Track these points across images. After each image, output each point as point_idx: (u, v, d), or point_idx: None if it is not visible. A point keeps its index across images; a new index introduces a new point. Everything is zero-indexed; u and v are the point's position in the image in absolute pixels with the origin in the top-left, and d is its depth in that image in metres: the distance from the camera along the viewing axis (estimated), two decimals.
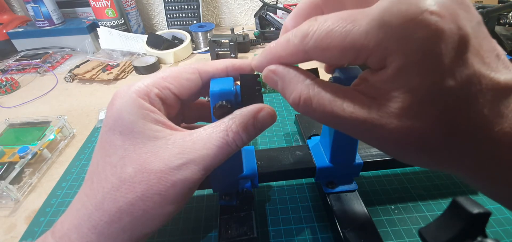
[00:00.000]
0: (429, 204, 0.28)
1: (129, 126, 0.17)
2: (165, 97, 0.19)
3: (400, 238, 0.25)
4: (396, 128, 0.13)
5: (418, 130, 0.13)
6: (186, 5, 0.72)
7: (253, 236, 0.23)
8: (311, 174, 0.27)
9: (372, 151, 0.28)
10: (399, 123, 0.13)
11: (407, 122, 0.13)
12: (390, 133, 0.13)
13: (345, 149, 0.26)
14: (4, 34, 0.66)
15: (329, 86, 0.15)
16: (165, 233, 0.27)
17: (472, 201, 0.13)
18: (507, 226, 0.26)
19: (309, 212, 0.28)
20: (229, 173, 0.25)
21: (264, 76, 0.18)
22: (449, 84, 0.12)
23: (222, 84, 0.20)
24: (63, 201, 0.31)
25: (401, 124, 0.13)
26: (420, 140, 0.13)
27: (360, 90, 0.14)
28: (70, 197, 0.31)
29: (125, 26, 0.70)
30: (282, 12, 0.68)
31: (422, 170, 0.32)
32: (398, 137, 0.13)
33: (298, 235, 0.26)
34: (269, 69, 0.17)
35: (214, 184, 0.26)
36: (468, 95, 0.12)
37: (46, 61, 0.63)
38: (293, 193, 0.30)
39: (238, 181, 0.26)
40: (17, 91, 0.54)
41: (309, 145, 0.29)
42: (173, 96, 0.20)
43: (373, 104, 0.13)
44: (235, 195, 0.26)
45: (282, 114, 0.43)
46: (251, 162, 0.27)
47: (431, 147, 0.13)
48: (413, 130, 0.13)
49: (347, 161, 0.26)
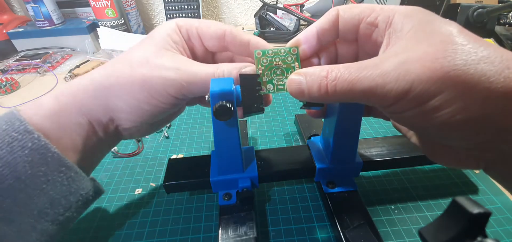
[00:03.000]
0: (429, 204, 0.28)
1: (157, 34, 0.23)
2: (192, 35, 0.24)
3: (400, 238, 0.25)
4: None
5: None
6: (186, 5, 0.72)
7: (253, 236, 0.23)
8: (311, 174, 0.27)
9: (372, 151, 0.28)
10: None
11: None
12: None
13: (345, 148, 0.26)
14: (4, 34, 0.66)
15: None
16: (165, 233, 0.27)
17: (472, 201, 0.13)
18: (507, 226, 0.26)
19: (309, 212, 0.28)
20: (227, 163, 0.25)
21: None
22: None
23: (222, 85, 0.20)
24: None
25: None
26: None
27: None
28: None
29: (125, 26, 0.70)
30: (282, 12, 0.68)
31: (422, 170, 0.32)
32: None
33: (298, 235, 0.26)
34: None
35: (214, 184, 0.26)
36: None
37: (46, 61, 0.63)
38: (293, 193, 0.30)
39: (237, 180, 0.26)
40: (17, 91, 0.54)
41: (309, 145, 0.29)
42: (197, 37, 0.24)
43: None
44: (235, 195, 0.26)
45: (282, 114, 0.43)
46: (251, 162, 0.27)
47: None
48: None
49: (347, 161, 0.26)
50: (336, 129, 0.24)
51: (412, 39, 0.15)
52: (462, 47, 0.13)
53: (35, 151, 0.18)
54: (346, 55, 0.21)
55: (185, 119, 0.43)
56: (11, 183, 0.17)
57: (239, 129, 0.24)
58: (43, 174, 0.18)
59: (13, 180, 0.17)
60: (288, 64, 0.20)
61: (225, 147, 0.24)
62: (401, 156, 0.28)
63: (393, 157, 0.28)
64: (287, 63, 0.20)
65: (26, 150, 0.17)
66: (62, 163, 0.19)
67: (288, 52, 0.20)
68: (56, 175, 0.19)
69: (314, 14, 0.73)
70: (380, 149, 0.29)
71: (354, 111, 0.23)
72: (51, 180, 0.18)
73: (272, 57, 0.20)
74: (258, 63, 0.20)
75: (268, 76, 0.20)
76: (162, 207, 0.29)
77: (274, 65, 0.20)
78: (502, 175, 0.16)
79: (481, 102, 0.13)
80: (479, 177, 0.30)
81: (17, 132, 0.18)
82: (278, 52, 0.20)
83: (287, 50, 0.20)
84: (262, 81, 0.20)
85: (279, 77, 0.20)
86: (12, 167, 0.17)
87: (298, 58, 0.20)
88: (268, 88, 0.20)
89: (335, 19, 0.19)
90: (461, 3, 0.51)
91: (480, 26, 0.50)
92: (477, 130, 0.14)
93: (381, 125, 0.39)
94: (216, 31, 0.23)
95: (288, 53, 0.20)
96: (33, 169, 0.18)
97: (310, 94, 0.17)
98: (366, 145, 0.29)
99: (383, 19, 0.17)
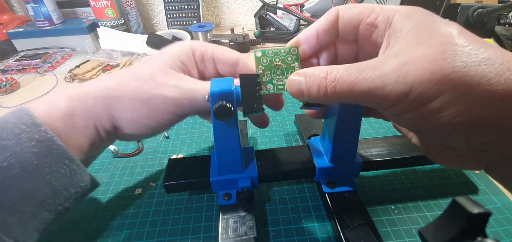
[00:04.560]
0: (429, 204, 0.28)
1: (168, 55, 0.24)
2: (206, 59, 0.25)
3: (400, 238, 0.25)
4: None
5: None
6: (186, 5, 0.72)
7: (253, 236, 0.23)
8: (311, 174, 0.27)
9: (372, 151, 0.28)
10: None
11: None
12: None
13: (345, 148, 0.26)
14: (4, 34, 0.66)
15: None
16: (165, 233, 0.27)
17: (472, 201, 0.13)
18: (507, 226, 0.26)
19: (309, 212, 0.28)
20: (227, 163, 0.25)
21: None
22: None
23: (222, 85, 0.20)
24: None
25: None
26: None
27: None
28: None
29: (125, 26, 0.70)
30: (282, 12, 0.68)
31: (422, 170, 0.32)
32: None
33: (298, 235, 0.26)
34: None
35: (214, 184, 0.26)
36: None
37: (46, 61, 0.63)
38: (293, 193, 0.30)
39: (237, 180, 0.26)
40: (17, 92, 0.54)
41: (309, 145, 0.29)
42: (212, 63, 0.25)
43: None
44: (235, 195, 0.26)
45: (282, 114, 0.43)
46: (251, 162, 0.27)
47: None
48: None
49: (347, 161, 0.26)
50: (336, 129, 0.24)
51: (411, 40, 0.15)
52: (462, 49, 0.13)
53: (42, 142, 0.19)
54: (345, 56, 0.21)
55: (185, 120, 0.42)
56: (17, 172, 0.18)
57: (239, 128, 0.24)
58: (48, 165, 0.19)
59: (20, 170, 0.18)
60: (288, 64, 0.20)
61: (225, 147, 0.24)
62: (401, 156, 0.28)
63: (393, 157, 0.28)
64: (287, 63, 0.20)
65: (33, 141, 0.18)
66: (66, 155, 0.20)
67: (288, 52, 0.20)
68: (60, 167, 0.19)
69: (314, 14, 0.73)
70: (380, 149, 0.29)
71: (354, 112, 0.23)
72: (55, 171, 0.19)
73: (272, 57, 0.20)
74: (258, 63, 0.20)
75: (268, 76, 0.20)
76: (162, 207, 0.29)
77: (274, 66, 0.20)
78: (503, 175, 0.16)
79: (481, 104, 0.13)
80: (479, 177, 0.30)
81: (25, 124, 0.19)
82: (278, 52, 0.20)
83: (287, 50, 0.20)
84: (262, 81, 0.20)
85: (279, 77, 0.20)
86: (20, 157, 0.18)
87: (298, 58, 0.20)
88: (268, 88, 0.20)
89: (334, 20, 0.19)
90: (461, 3, 0.51)
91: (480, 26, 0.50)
92: (478, 131, 0.14)
93: (381, 125, 0.39)
94: (230, 57, 0.25)
95: (288, 53, 0.20)
96: (39, 159, 0.18)
97: (310, 95, 0.17)
98: (366, 145, 0.29)
99: (383, 19, 0.17)
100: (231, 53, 0.25)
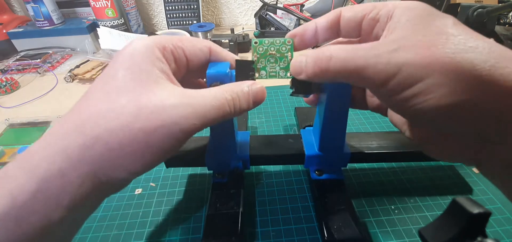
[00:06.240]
0: (429, 204, 0.28)
1: (137, 63, 0.17)
2: (177, 57, 0.20)
3: (400, 238, 0.25)
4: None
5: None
6: (186, 5, 0.72)
7: (238, 210, 0.25)
8: (300, 160, 0.28)
9: (362, 144, 0.29)
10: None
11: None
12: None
13: (333, 137, 0.26)
14: (4, 34, 0.66)
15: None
16: (165, 233, 0.27)
17: (472, 201, 0.13)
18: (507, 226, 0.26)
19: (309, 212, 0.28)
20: (222, 144, 0.27)
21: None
22: None
23: (219, 67, 0.21)
24: None
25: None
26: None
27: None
28: None
29: (125, 26, 0.70)
30: (282, 12, 0.68)
31: (422, 170, 0.32)
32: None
33: (298, 235, 0.26)
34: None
35: (208, 162, 0.28)
36: None
37: (46, 61, 0.63)
38: (293, 193, 0.30)
39: (230, 160, 0.28)
40: (17, 92, 0.54)
41: (302, 134, 0.30)
42: (184, 59, 0.20)
43: None
44: (227, 174, 0.28)
45: (280, 108, 0.44)
46: (245, 145, 0.29)
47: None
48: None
49: (335, 149, 0.27)
50: (325, 118, 0.24)
51: (409, 30, 0.16)
52: (453, 38, 0.14)
53: None
54: None
55: None
56: None
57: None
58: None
59: None
60: (282, 53, 0.22)
61: (220, 128, 0.25)
62: (391, 151, 0.28)
63: (382, 151, 0.28)
64: (281, 52, 0.22)
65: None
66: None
67: (283, 43, 0.22)
68: None
69: (314, 14, 0.73)
70: (370, 142, 0.29)
71: (342, 101, 0.24)
72: None
73: (268, 46, 0.22)
74: (254, 51, 0.22)
75: (262, 63, 0.22)
76: (162, 207, 0.29)
77: (268, 54, 0.22)
78: (490, 171, 0.17)
79: (467, 87, 0.13)
80: (479, 177, 0.30)
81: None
82: (273, 42, 0.22)
83: (282, 41, 0.22)
84: (257, 67, 0.22)
85: (272, 65, 0.22)
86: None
87: (292, 49, 0.22)
88: (262, 74, 0.22)
89: (336, 19, 0.20)
90: (461, 3, 0.51)
91: (480, 26, 0.50)
92: (462, 114, 0.14)
93: (378, 120, 0.39)
94: (202, 49, 0.21)
95: (283, 43, 0.22)
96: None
97: (307, 71, 0.18)
98: (357, 138, 0.30)
99: (384, 13, 0.18)
100: (201, 43, 0.21)
